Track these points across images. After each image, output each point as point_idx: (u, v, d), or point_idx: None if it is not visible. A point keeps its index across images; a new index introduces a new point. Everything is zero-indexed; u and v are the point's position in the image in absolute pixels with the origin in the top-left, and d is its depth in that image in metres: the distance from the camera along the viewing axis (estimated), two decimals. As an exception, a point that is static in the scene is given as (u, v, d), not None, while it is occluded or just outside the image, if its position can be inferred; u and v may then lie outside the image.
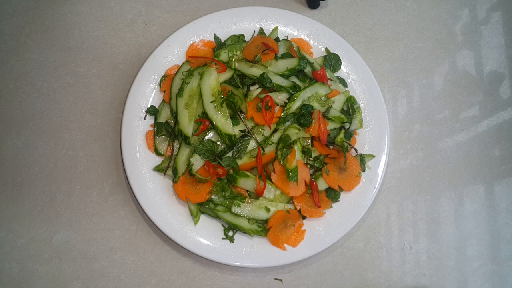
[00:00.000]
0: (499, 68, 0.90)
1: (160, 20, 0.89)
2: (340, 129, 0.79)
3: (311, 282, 0.77)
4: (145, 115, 0.80)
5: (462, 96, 0.88)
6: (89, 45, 0.87)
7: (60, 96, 0.84)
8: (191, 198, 0.75)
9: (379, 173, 0.79)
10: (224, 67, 0.80)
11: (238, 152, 0.77)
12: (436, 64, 0.90)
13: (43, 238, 0.77)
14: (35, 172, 0.80)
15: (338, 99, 0.81)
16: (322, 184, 0.77)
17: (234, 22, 0.85)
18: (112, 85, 0.85)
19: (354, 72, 0.84)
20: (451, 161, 0.85)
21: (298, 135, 0.77)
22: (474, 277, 0.80)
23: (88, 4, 0.89)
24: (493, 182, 0.84)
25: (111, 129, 0.83)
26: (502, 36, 0.92)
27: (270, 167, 0.77)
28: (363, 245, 0.80)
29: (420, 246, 0.80)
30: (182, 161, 0.77)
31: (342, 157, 0.77)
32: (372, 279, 0.79)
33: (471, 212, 0.83)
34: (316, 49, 0.85)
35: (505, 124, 0.87)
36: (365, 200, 0.78)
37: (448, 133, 0.86)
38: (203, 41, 0.84)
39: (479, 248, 0.81)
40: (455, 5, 0.93)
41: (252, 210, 0.75)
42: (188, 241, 0.74)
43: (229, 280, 0.77)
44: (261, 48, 0.81)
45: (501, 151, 0.86)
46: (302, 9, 0.90)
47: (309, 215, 0.76)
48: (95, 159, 0.81)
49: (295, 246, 0.75)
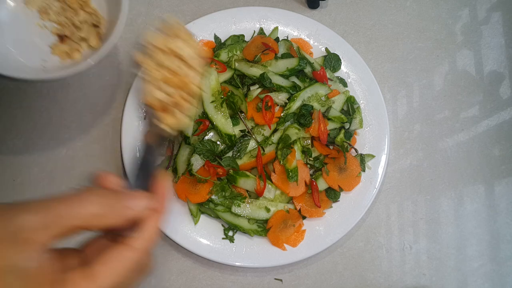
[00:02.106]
0: (499, 68, 0.90)
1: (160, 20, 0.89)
2: (340, 129, 0.79)
3: (311, 282, 0.77)
4: (145, 115, 0.80)
5: (462, 96, 0.88)
6: (89, 45, 0.86)
7: (60, 96, 0.84)
8: (191, 198, 0.75)
9: (379, 173, 0.79)
10: (224, 67, 0.79)
11: (238, 152, 0.77)
12: (436, 64, 0.90)
13: (43, 238, 0.77)
14: (35, 172, 0.80)
15: (338, 99, 0.81)
16: (322, 184, 0.77)
17: (234, 22, 0.85)
18: (112, 85, 0.85)
19: (354, 72, 0.84)
20: (451, 161, 0.85)
21: (298, 135, 0.77)
22: (474, 277, 0.80)
23: (88, 4, 0.88)
24: (493, 182, 0.84)
25: (111, 129, 0.83)
26: (502, 36, 0.92)
27: (270, 167, 0.77)
28: (363, 245, 0.80)
29: (420, 246, 0.80)
30: (182, 161, 0.77)
31: (342, 157, 0.77)
32: (372, 279, 0.79)
33: (471, 212, 0.83)
34: (316, 49, 0.85)
35: (505, 124, 0.87)
36: (365, 200, 0.78)
37: (448, 133, 0.86)
38: (203, 41, 0.84)
39: (479, 248, 0.81)
40: (455, 5, 0.93)
41: (252, 210, 0.75)
42: (188, 241, 0.74)
43: (229, 280, 0.77)
44: (261, 48, 0.81)
45: (501, 151, 0.86)
46: (302, 9, 0.90)
47: (309, 215, 0.76)
48: (95, 159, 0.81)
49: (295, 246, 0.75)
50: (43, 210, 0.36)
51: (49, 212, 0.36)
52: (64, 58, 0.75)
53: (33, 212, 0.36)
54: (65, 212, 0.37)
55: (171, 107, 0.48)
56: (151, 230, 0.41)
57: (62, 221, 0.36)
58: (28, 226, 0.35)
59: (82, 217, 0.37)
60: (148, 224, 0.41)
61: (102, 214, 0.38)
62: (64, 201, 0.37)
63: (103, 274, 0.37)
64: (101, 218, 0.38)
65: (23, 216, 0.35)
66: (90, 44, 0.76)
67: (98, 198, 0.38)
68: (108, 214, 0.38)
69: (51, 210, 0.37)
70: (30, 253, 0.35)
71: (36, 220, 0.35)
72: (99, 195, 0.39)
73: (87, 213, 0.37)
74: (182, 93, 0.49)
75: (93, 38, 0.75)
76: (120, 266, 0.38)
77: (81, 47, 0.76)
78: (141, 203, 0.41)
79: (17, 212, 0.36)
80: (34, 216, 0.35)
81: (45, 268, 0.36)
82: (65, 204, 0.37)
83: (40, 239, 0.35)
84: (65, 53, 0.75)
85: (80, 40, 0.76)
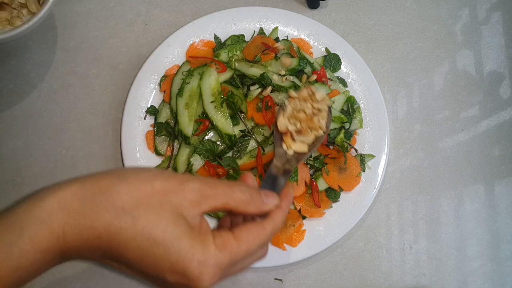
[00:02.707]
0: (499, 68, 0.90)
1: (160, 20, 0.89)
2: (340, 129, 0.79)
3: (311, 282, 0.77)
4: (145, 115, 0.80)
5: (462, 96, 0.88)
6: (89, 45, 0.86)
7: (60, 96, 0.84)
8: (191, 198, 0.75)
9: (379, 173, 0.79)
10: (224, 67, 0.80)
11: (238, 152, 0.77)
12: (436, 64, 0.90)
13: (43, 238, 0.77)
14: (35, 172, 0.80)
15: (338, 99, 0.81)
16: (322, 184, 0.77)
17: (234, 22, 0.85)
18: (112, 85, 0.85)
19: (354, 72, 0.84)
20: (451, 161, 0.85)
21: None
22: (474, 277, 0.80)
23: (88, 4, 0.88)
24: (493, 182, 0.84)
25: (111, 129, 0.83)
26: (502, 36, 0.92)
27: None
28: (363, 245, 0.80)
29: (420, 246, 0.80)
30: (182, 161, 0.77)
31: (342, 157, 0.77)
32: (372, 279, 0.79)
33: (471, 212, 0.83)
34: (316, 49, 0.85)
35: (505, 124, 0.87)
36: (365, 200, 0.78)
37: (448, 133, 0.86)
38: (203, 41, 0.84)
39: (479, 248, 0.81)
40: (455, 5, 0.93)
41: (252, 210, 0.75)
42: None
43: (229, 280, 0.77)
44: (261, 48, 0.81)
45: (501, 151, 0.86)
46: (302, 9, 0.90)
47: (309, 215, 0.76)
48: (95, 159, 0.81)
49: (295, 246, 0.75)
50: (210, 184, 0.46)
51: (215, 188, 0.46)
52: (4, 26, 0.76)
53: (204, 184, 0.46)
54: (224, 192, 0.46)
55: (296, 135, 0.67)
56: (278, 221, 0.50)
57: (221, 198, 0.46)
58: (200, 193, 0.45)
59: (235, 200, 0.47)
60: (276, 216, 0.50)
61: (248, 203, 0.48)
62: (224, 184, 0.47)
63: (246, 239, 0.46)
64: (246, 205, 0.47)
65: (195, 183, 0.46)
66: (30, 10, 0.76)
67: (247, 189, 0.48)
68: (251, 203, 0.48)
69: (216, 188, 0.46)
70: (196, 211, 0.45)
71: (205, 190, 0.45)
72: (247, 187, 0.49)
73: (239, 198, 0.47)
74: (307, 128, 0.68)
75: (32, 3, 0.75)
76: (258, 237, 0.47)
77: (22, 14, 0.76)
78: (274, 201, 0.51)
79: (191, 179, 0.46)
80: (203, 186, 0.46)
81: (203, 225, 0.46)
82: (225, 186, 0.47)
83: (203, 207, 0.45)
84: (6, 20, 0.76)
85: (20, 7, 0.76)
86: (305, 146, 0.68)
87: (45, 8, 0.72)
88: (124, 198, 0.42)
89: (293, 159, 0.68)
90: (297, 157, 0.68)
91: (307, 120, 0.68)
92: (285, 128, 0.68)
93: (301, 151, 0.68)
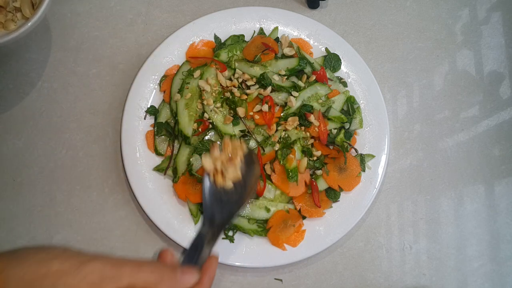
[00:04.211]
0: (499, 68, 0.90)
1: (160, 20, 0.89)
2: (340, 129, 0.79)
3: (311, 282, 0.77)
4: (145, 115, 0.80)
5: (462, 96, 0.88)
6: (89, 45, 0.86)
7: (60, 96, 0.84)
8: (191, 198, 0.75)
9: (379, 173, 0.79)
10: (224, 67, 0.79)
11: (238, 152, 0.77)
12: (436, 64, 0.90)
13: (43, 238, 0.77)
14: (35, 172, 0.80)
15: (338, 99, 0.81)
16: (322, 184, 0.77)
17: (234, 22, 0.85)
18: (112, 85, 0.85)
19: (354, 72, 0.84)
20: (451, 161, 0.85)
21: (298, 135, 0.77)
22: (474, 277, 0.80)
23: (88, 4, 0.88)
24: (493, 182, 0.84)
25: (111, 129, 0.83)
26: (502, 36, 0.92)
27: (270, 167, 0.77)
28: (363, 245, 0.80)
29: (420, 246, 0.80)
30: (182, 161, 0.77)
31: (342, 157, 0.77)
32: (372, 279, 0.79)
33: (471, 212, 0.83)
34: (316, 49, 0.85)
35: (505, 124, 0.87)
36: (365, 200, 0.78)
37: (448, 133, 0.86)
38: (203, 41, 0.84)
39: (479, 248, 0.81)
40: (455, 5, 0.93)
41: (252, 210, 0.75)
42: (188, 241, 0.74)
43: (229, 280, 0.77)
44: (261, 48, 0.81)
45: (501, 151, 0.86)
46: (302, 9, 0.90)
47: (309, 215, 0.76)
48: (95, 159, 0.81)
49: (295, 246, 0.75)
50: (115, 264, 0.45)
51: (119, 268, 0.45)
52: None
53: (107, 264, 0.45)
54: (130, 272, 0.46)
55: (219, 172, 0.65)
56: None
57: (126, 279, 0.45)
58: (101, 274, 0.44)
59: (142, 281, 0.46)
60: None
61: (157, 283, 0.47)
62: (132, 264, 0.46)
63: None
64: (156, 286, 0.47)
65: (96, 264, 0.45)
66: (24, 14, 0.76)
67: (157, 269, 0.48)
68: (161, 284, 0.47)
69: (121, 267, 0.45)
70: None
71: (107, 271, 0.45)
72: (159, 267, 0.48)
73: (146, 278, 0.46)
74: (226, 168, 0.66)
75: (26, 7, 0.75)
76: None
77: (16, 17, 0.76)
78: (193, 278, 0.50)
79: (92, 259, 0.45)
80: (105, 267, 0.45)
81: None
82: (132, 266, 0.46)
83: (108, 287, 0.44)
84: (0, 24, 0.75)
85: (15, 10, 0.76)
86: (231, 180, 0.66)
87: (38, 14, 0.72)
88: (13, 283, 0.42)
89: (233, 204, 0.64)
90: (237, 200, 0.65)
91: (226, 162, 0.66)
92: (211, 166, 0.65)
93: (236, 179, 0.65)
